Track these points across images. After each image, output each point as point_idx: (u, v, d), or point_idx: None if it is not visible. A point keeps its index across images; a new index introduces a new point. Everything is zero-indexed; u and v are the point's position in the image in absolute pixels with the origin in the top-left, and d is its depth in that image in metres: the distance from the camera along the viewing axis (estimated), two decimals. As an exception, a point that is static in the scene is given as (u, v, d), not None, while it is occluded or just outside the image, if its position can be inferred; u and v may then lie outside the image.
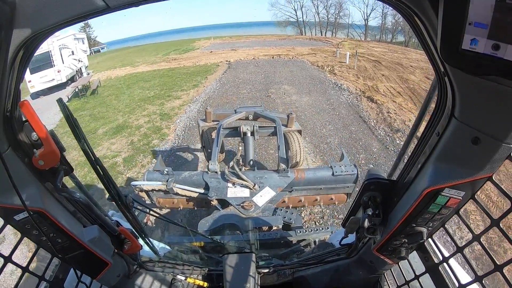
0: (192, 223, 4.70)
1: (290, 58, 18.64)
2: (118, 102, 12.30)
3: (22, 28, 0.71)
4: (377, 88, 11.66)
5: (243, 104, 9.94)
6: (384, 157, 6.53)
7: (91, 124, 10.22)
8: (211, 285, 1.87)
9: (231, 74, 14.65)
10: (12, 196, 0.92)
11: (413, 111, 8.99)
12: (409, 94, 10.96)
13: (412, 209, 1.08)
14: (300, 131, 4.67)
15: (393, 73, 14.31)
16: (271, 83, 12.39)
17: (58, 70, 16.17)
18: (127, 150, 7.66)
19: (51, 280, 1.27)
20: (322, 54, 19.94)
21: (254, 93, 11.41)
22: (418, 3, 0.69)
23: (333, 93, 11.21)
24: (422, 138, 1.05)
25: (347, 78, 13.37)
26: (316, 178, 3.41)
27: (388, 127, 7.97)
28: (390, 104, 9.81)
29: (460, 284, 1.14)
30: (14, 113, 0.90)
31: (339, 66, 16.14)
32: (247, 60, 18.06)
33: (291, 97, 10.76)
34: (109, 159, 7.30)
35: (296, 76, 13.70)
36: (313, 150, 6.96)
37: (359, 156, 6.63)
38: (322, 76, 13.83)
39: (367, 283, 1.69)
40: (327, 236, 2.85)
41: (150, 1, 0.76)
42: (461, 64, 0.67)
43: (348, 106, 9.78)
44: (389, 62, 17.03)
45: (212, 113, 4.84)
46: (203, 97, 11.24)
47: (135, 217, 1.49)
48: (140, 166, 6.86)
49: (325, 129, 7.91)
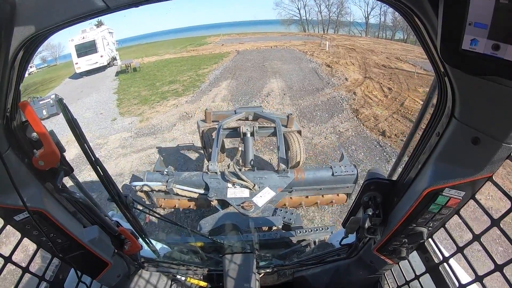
0: (193, 224, 4.74)
1: (284, 48, 24.14)
2: (161, 73, 17.54)
3: (22, 28, 0.71)
4: (338, 62, 16.89)
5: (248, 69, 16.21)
6: (318, 82, 13.02)
7: (147, 81, 15.65)
8: (211, 285, 1.87)
9: (240, 57, 20.68)
10: (12, 196, 0.92)
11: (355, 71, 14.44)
12: (359, 65, 16.05)
13: (412, 209, 1.08)
14: (300, 132, 4.67)
15: (359, 55, 19.24)
16: (266, 60, 18.45)
17: (101, 55, 20.42)
18: (182, 88, 13.43)
19: (51, 280, 1.27)
20: (311, 45, 24.94)
21: (254, 64, 17.43)
22: (418, 3, 0.69)
23: (305, 64, 17.07)
24: (422, 138, 1.05)
25: (320, 57, 18.79)
26: (315, 178, 3.41)
27: (330, 75, 14.04)
28: (341, 68, 15.29)
29: (460, 284, 1.14)
30: (14, 113, 0.90)
31: (319, 51, 21.15)
32: (251, 50, 23.72)
33: (278, 66, 16.67)
34: (173, 91, 13.05)
35: (284, 57, 19.63)
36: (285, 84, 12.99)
37: (307, 82, 12.94)
38: (303, 56, 19.61)
39: (367, 283, 1.69)
40: (327, 236, 2.84)
41: (150, 2, 0.76)
42: (461, 64, 0.67)
43: (312, 69, 15.71)
44: (363, 49, 21.77)
45: (212, 113, 4.84)
46: (222, 68, 17.16)
47: (135, 217, 1.49)
48: (192, 91, 12.66)
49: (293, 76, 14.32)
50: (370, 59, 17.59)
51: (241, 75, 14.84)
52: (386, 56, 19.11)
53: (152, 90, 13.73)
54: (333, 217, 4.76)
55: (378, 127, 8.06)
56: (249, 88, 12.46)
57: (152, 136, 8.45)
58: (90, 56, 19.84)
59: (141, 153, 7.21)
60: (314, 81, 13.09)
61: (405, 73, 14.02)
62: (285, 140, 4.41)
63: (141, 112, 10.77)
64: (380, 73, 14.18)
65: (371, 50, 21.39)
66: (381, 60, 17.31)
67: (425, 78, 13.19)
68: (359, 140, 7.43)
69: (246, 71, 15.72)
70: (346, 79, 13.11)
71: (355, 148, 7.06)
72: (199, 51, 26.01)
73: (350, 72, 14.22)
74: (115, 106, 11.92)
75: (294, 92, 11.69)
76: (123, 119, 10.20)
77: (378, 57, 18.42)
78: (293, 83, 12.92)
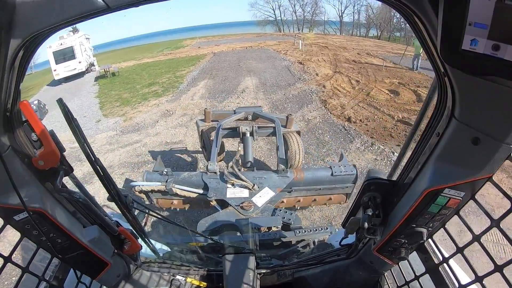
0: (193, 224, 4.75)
1: (259, 48, 25.08)
2: (140, 77, 17.90)
3: (22, 28, 0.71)
4: (310, 59, 17.91)
5: (224, 69, 16.76)
6: (290, 77, 13.95)
7: (127, 85, 15.92)
8: (211, 286, 1.87)
9: (216, 58, 21.32)
10: (12, 196, 0.92)
11: (326, 67, 15.54)
12: (331, 61, 17.26)
13: (412, 209, 1.08)
14: (299, 132, 4.67)
15: (331, 52, 20.48)
16: (242, 60, 19.17)
17: (79, 61, 20.27)
18: (162, 89, 13.86)
19: (51, 280, 1.27)
20: (285, 44, 26.00)
21: (230, 64, 18.13)
22: (418, 3, 0.69)
23: (279, 62, 17.97)
24: (422, 138, 1.05)
25: (293, 55, 19.68)
26: (315, 178, 3.41)
27: (302, 71, 14.92)
28: (313, 64, 16.25)
29: (460, 285, 1.14)
30: (14, 113, 0.90)
31: (292, 50, 22.03)
32: (227, 51, 24.34)
33: (252, 65, 17.46)
34: (153, 92, 13.44)
35: (259, 56, 20.50)
36: (259, 81, 13.70)
37: (280, 79, 13.82)
38: (277, 55, 20.49)
39: (367, 284, 1.69)
40: (327, 237, 2.84)
41: (150, 1, 0.76)
42: (461, 64, 0.67)
43: (285, 66, 16.61)
44: (335, 47, 23.10)
45: (211, 113, 4.83)
46: (199, 69, 17.85)
47: (135, 217, 1.48)
48: (171, 92, 13.15)
49: (267, 74, 14.98)
50: (341, 56, 18.85)
51: (217, 75, 15.43)
52: (357, 52, 20.34)
53: (132, 92, 14.11)
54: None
55: (344, 114, 8.95)
56: (226, 86, 13.05)
57: (136, 132, 8.93)
58: (69, 62, 19.71)
59: (127, 147, 7.70)
60: (286, 77, 14.02)
61: (374, 67, 15.21)
62: (284, 141, 4.41)
63: (124, 112, 11.12)
64: (349, 68, 15.26)
65: (343, 47, 22.73)
66: (352, 56, 18.58)
67: (393, 70, 14.56)
68: (326, 126, 8.34)
69: (222, 71, 16.33)
70: (316, 74, 14.02)
71: (322, 132, 7.89)
72: (176, 54, 26.65)
73: (321, 68, 15.34)
74: (98, 109, 12.22)
75: (267, 88, 12.52)
76: (107, 120, 10.57)
77: (349, 53, 19.72)
78: (267, 80, 13.73)
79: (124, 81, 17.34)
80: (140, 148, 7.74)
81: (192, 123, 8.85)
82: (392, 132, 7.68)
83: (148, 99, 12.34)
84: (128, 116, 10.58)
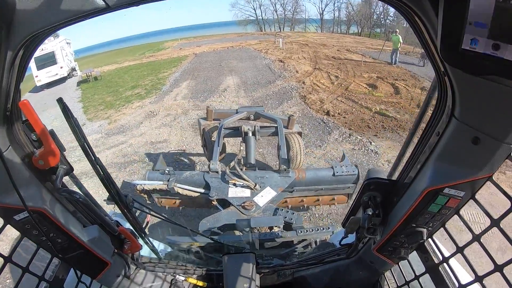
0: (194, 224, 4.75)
1: (240, 48, 25.12)
2: (123, 80, 17.59)
3: (22, 27, 0.71)
4: (291, 57, 18.14)
5: (206, 69, 16.92)
6: (271, 75, 14.17)
7: (110, 88, 15.65)
8: (211, 285, 1.87)
9: (198, 59, 21.41)
10: (12, 196, 0.92)
11: (306, 64, 15.90)
12: (311, 58, 17.47)
13: (412, 209, 1.08)
14: (300, 133, 4.67)
15: (311, 49, 20.71)
16: (223, 60, 19.30)
17: (61, 66, 19.79)
18: (145, 91, 13.81)
19: (51, 280, 1.27)
20: (266, 43, 26.30)
21: (212, 65, 18.18)
22: (418, 3, 0.69)
23: (260, 61, 18.17)
24: (422, 138, 1.05)
25: (274, 54, 19.96)
26: (317, 178, 3.40)
27: (282, 69, 15.17)
28: (293, 62, 16.48)
29: (460, 284, 1.13)
30: (14, 113, 0.90)
31: (273, 49, 22.35)
32: (209, 51, 24.42)
33: (233, 64, 17.54)
34: (136, 95, 13.35)
35: (240, 56, 20.62)
36: (240, 80, 13.85)
37: (260, 77, 13.96)
38: (258, 54, 20.71)
39: (367, 283, 1.69)
40: (328, 236, 2.84)
41: (150, 1, 0.76)
42: (461, 64, 0.67)
43: (265, 65, 16.85)
44: (315, 44, 23.49)
45: (214, 111, 4.83)
46: (181, 70, 17.80)
47: (135, 217, 1.49)
48: (154, 93, 13.11)
49: (248, 73, 15.12)
50: (321, 52, 19.27)
51: (199, 75, 15.51)
52: (337, 49, 20.74)
53: (116, 95, 14.06)
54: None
55: (323, 108, 9.25)
56: (208, 86, 13.17)
57: (121, 134, 9.04)
58: (50, 68, 19.21)
59: (113, 148, 7.74)
60: (267, 75, 14.32)
61: (354, 63, 15.59)
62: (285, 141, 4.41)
63: (108, 116, 11.12)
64: (329, 64, 15.53)
65: (324, 44, 23.29)
66: (332, 53, 19.03)
67: (371, 65, 14.86)
68: (305, 119, 8.58)
69: (204, 71, 16.43)
70: (296, 72, 14.29)
71: (301, 126, 7.76)
72: (158, 56, 26.57)
73: (301, 65, 15.70)
74: (82, 113, 12.04)
75: (248, 86, 12.68)
76: (92, 124, 10.56)
77: (329, 50, 20.21)
78: (248, 79, 13.94)
79: (106, 85, 17.08)
80: (126, 148, 7.83)
81: (175, 123, 9.01)
82: (370, 123, 7.99)
83: (131, 102, 12.30)
84: (113, 119, 10.58)
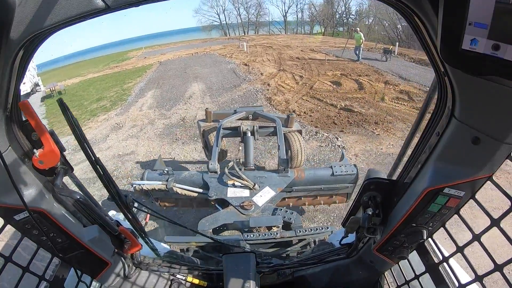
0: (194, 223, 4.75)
1: (205, 53, 25.32)
2: (87, 93, 17.32)
3: (22, 28, 0.71)
4: (255, 60, 18.52)
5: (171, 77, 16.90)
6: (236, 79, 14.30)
7: (75, 102, 15.06)
8: (211, 285, 1.87)
9: (163, 67, 21.30)
10: (12, 196, 0.92)
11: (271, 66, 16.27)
12: (275, 60, 17.97)
13: (412, 209, 1.08)
14: (300, 131, 4.67)
15: (276, 51, 21.03)
16: (188, 67, 19.33)
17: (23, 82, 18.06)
18: (110, 103, 13.53)
19: (51, 280, 1.27)
20: (230, 48, 26.45)
21: (176, 73, 18.09)
22: (418, 3, 0.69)
23: (224, 66, 18.31)
24: (422, 138, 1.05)
25: (238, 58, 20.22)
26: (316, 178, 3.40)
27: (247, 73, 15.34)
28: (257, 65, 16.86)
29: (460, 284, 1.14)
30: (14, 113, 0.90)
31: (238, 53, 22.63)
32: (173, 59, 24.44)
33: (198, 71, 17.62)
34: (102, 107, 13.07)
35: (204, 62, 20.75)
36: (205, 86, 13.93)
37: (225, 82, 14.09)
38: (222, 59, 20.79)
39: (367, 283, 1.69)
40: (327, 236, 2.84)
41: (150, 1, 0.76)
42: (461, 64, 0.67)
43: (230, 69, 16.97)
44: (279, 46, 23.88)
45: (213, 113, 4.84)
46: (146, 79, 17.68)
47: (135, 217, 1.48)
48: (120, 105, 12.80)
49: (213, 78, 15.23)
50: (285, 54, 19.66)
51: (164, 84, 15.48)
52: (301, 49, 21.13)
53: (81, 109, 13.83)
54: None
55: (289, 108, 9.38)
56: (173, 94, 13.15)
57: None
58: None
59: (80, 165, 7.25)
60: (232, 80, 14.45)
61: (317, 62, 15.96)
62: (285, 140, 4.41)
63: None
64: (293, 65, 15.83)
65: (288, 46, 23.74)
66: (296, 53, 19.48)
67: (335, 63, 15.33)
68: None
69: (169, 80, 16.43)
70: (261, 74, 14.53)
71: None
72: (122, 66, 26.21)
73: (266, 67, 16.07)
74: None
75: (213, 92, 12.74)
76: None
77: (293, 51, 20.56)
78: (213, 84, 14.09)
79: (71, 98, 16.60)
80: (94, 164, 7.69)
81: (142, 133, 8.97)
82: (335, 119, 8.15)
83: (97, 115, 12.08)
84: (78, 134, 10.56)
